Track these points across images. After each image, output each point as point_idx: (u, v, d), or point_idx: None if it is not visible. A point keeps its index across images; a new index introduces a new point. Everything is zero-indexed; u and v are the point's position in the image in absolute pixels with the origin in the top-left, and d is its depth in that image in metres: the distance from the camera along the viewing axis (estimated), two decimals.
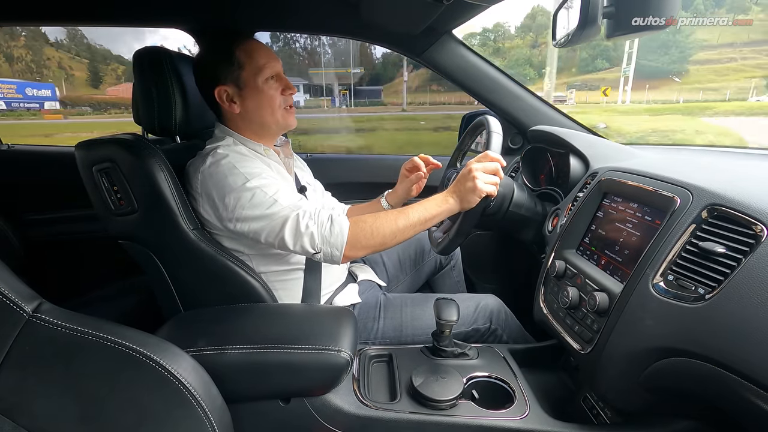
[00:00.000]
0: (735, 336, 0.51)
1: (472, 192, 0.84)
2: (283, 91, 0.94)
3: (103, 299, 1.38)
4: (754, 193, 0.57)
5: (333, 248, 0.83)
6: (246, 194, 0.82)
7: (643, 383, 0.63)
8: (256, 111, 0.92)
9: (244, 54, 0.90)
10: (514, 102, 1.31)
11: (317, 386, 0.77)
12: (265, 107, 0.92)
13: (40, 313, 0.50)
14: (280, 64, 0.94)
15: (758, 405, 0.48)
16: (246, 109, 0.92)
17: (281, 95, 0.94)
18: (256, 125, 0.94)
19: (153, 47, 0.93)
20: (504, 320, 1.03)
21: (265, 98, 0.92)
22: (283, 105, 0.94)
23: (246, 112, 0.92)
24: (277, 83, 0.93)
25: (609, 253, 0.77)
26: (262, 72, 0.90)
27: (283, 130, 0.98)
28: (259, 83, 0.91)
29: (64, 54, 63.82)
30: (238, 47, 0.90)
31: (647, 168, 0.78)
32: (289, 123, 0.97)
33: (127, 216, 0.86)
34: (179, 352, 0.56)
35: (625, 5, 0.63)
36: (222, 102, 0.91)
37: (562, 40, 0.78)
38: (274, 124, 0.94)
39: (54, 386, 0.49)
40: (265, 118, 0.93)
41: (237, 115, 0.93)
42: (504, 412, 0.75)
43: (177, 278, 0.91)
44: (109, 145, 0.84)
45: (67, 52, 64.81)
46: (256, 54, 0.91)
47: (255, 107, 0.92)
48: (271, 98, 0.92)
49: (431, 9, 0.88)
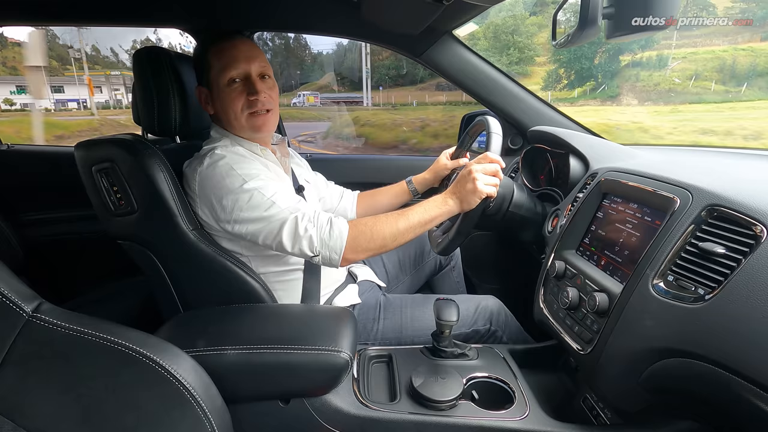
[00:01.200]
0: (735, 336, 0.51)
1: (472, 193, 0.84)
2: (248, 95, 0.89)
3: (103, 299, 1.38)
4: (753, 193, 0.57)
5: (332, 252, 0.82)
6: (244, 196, 0.82)
7: (642, 384, 0.63)
8: (222, 113, 0.91)
9: (213, 55, 0.89)
10: (513, 102, 1.31)
11: (317, 387, 0.77)
12: (227, 110, 0.90)
13: (39, 314, 0.50)
14: (253, 65, 0.89)
15: (758, 405, 0.48)
16: (216, 111, 0.92)
17: (247, 99, 0.89)
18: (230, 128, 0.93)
19: (153, 47, 0.93)
20: (504, 322, 1.03)
21: (227, 101, 0.89)
22: (247, 110, 0.89)
23: (217, 114, 0.92)
24: (241, 86, 0.89)
25: (609, 253, 0.76)
26: (223, 74, 0.88)
27: (256, 135, 0.94)
28: (221, 85, 0.88)
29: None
30: (211, 48, 0.89)
31: (647, 168, 0.78)
32: (255, 127, 0.91)
33: (126, 216, 0.85)
34: (179, 352, 0.56)
35: (625, 6, 0.63)
36: (201, 103, 0.92)
37: (562, 40, 0.78)
38: (239, 128, 0.92)
39: (54, 386, 0.49)
40: (230, 121, 0.91)
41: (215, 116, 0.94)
42: (504, 413, 0.75)
43: (176, 278, 0.91)
44: (108, 145, 0.84)
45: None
46: (223, 55, 0.88)
47: (221, 110, 0.91)
48: (231, 101, 0.89)
49: (431, 9, 0.88)
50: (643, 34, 0.65)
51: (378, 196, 1.22)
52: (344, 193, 1.23)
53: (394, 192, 1.22)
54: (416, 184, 1.21)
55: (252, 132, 0.93)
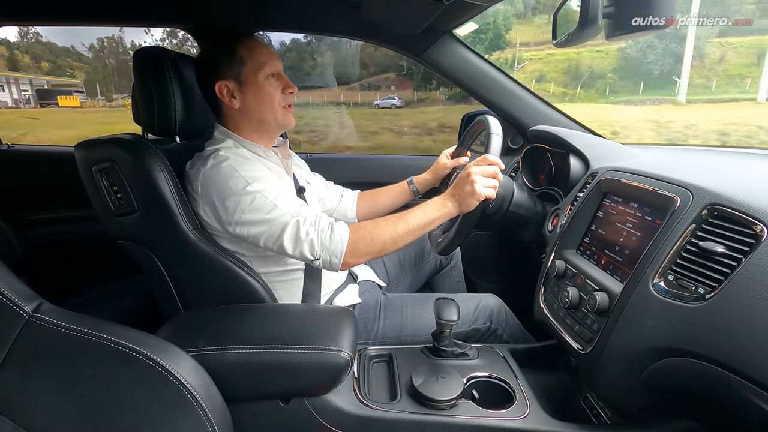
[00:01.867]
0: (735, 336, 0.51)
1: (471, 196, 0.84)
2: (283, 89, 0.94)
3: (103, 299, 1.38)
4: (754, 193, 0.57)
5: (332, 256, 0.83)
6: (246, 198, 0.82)
7: (643, 383, 0.63)
8: (255, 107, 0.92)
9: (246, 50, 0.90)
10: (514, 102, 1.31)
11: (317, 386, 0.77)
12: (264, 104, 0.92)
13: (40, 314, 0.50)
14: (280, 63, 0.94)
15: (758, 405, 0.48)
16: (246, 105, 0.92)
17: (281, 93, 0.93)
18: (255, 122, 0.94)
19: (153, 47, 0.93)
20: (504, 320, 1.03)
21: (266, 95, 0.92)
22: (283, 103, 0.94)
23: (246, 108, 0.92)
24: (277, 81, 0.93)
25: (609, 253, 0.76)
26: (263, 69, 0.90)
27: (282, 129, 0.98)
28: (260, 79, 0.91)
29: None
30: (240, 43, 0.91)
31: (647, 168, 0.78)
32: (288, 122, 0.96)
33: (126, 216, 0.85)
34: (179, 352, 0.56)
35: (625, 5, 0.63)
36: (222, 97, 0.91)
37: (562, 39, 0.78)
38: (273, 121, 0.94)
39: (54, 386, 0.49)
40: (264, 114, 0.93)
41: (236, 112, 0.93)
42: (504, 412, 0.75)
43: (177, 278, 0.91)
44: (108, 145, 0.83)
45: None
46: (257, 51, 0.91)
47: (255, 103, 0.92)
48: (271, 95, 0.92)
49: (431, 9, 0.88)
50: (643, 34, 0.65)
51: (378, 196, 1.22)
52: (344, 192, 1.23)
53: (394, 192, 1.22)
54: (417, 184, 1.21)
55: (285, 123, 0.96)
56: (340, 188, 1.23)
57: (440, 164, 1.18)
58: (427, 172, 1.21)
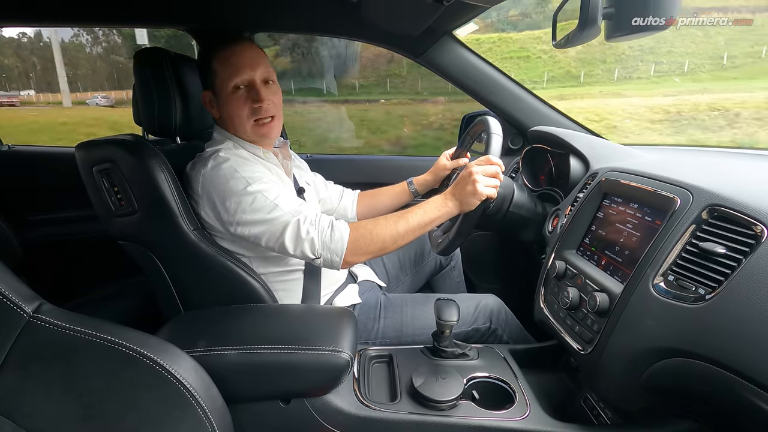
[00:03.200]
0: (735, 336, 0.51)
1: (472, 195, 0.84)
2: (252, 102, 0.89)
3: (103, 300, 1.38)
4: (754, 193, 0.57)
5: (333, 254, 0.83)
6: (247, 198, 0.82)
7: (643, 384, 0.63)
8: (228, 120, 0.92)
9: (218, 61, 0.89)
10: (514, 103, 1.31)
11: (317, 387, 0.77)
12: (233, 117, 0.91)
13: (40, 314, 0.50)
14: (257, 71, 0.89)
15: (758, 405, 0.48)
16: (222, 117, 0.93)
17: (251, 106, 0.89)
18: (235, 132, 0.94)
19: (153, 47, 0.93)
20: (504, 320, 1.03)
21: (232, 108, 0.90)
22: (252, 117, 0.90)
23: (222, 120, 0.93)
24: (246, 93, 0.89)
25: (609, 253, 0.76)
26: (229, 81, 0.88)
27: (260, 141, 0.95)
28: (228, 92, 0.89)
29: None
30: (215, 54, 0.90)
31: (647, 168, 0.78)
32: (261, 134, 0.92)
33: (127, 216, 0.85)
34: (179, 352, 0.56)
35: (625, 6, 0.63)
36: (206, 106, 0.93)
37: (562, 40, 0.78)
38: (244, 134, 0.93)
39: (54, 387, 0.49)
40: (236, 127, 0.92)
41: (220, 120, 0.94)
42: (504, 413, 0.75)
43: (177, 279, 0.91)
44: (109, 145, 0.84)
45: None
46: (228, 62, 0.89)
47: (227, 116, 0.92)
48: (237, 109, 0.90)
49: (431, 10, 0.88)
50: (643, 34, 0.65)
51: (378, 196, 1.22)
52: (344, 192, 1.23)
53: (394, 192, 1.22)
54: (417, 186, 1.21)
55: (258, 138, 0.94)
56: (340, 188, 1.24)
57: (440, 165, 1.18)
58: (427, 173, 1.21)
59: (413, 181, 1.22)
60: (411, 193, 1.22)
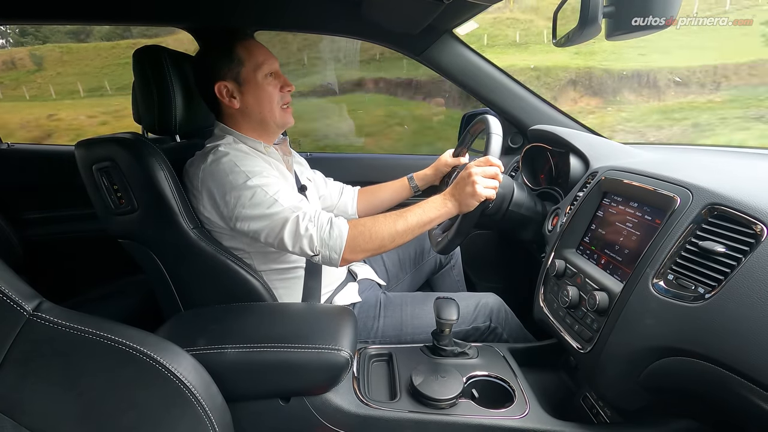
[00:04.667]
0: (735, 335, 0.51)
1: (471, 196, 0.84)
2: (281, 88, 0.94)
3: (103, 298, 1.38)
4: (754, 192, 0.57)
5: (331, 251, 0.83)
6: (246, 193, 0.82)
7: (642, 382, 0.63)
8: (255, 107, 0.93)
9: (245, 50, 0.91)
10: (514, 101, 1.31)
11: (317, 385, 0.77)
12: (264, 103, 0.92)
13: (40, 312, 0.50)
14: (277, 62, 0.95)
15: (758, 404, 0.48)
16: (246, 105, 0.92)
17: (279, 92, 0.94)
18: (255, 122, 0.94)
19: (153, 46, 0.93)
20: (504, 319, 1.03)
21: (265, 94, 0.92)
22: (281, 102, 0.94)
23: (246, 108, 0.93)
24: (275, 80, 0.93)
25: (609, 252, 0.77)
26: (261, 68, 0.91)
27: (281, 128, 0.98)
28: (259, 79, 0.91)
29: None
30: (238, 44, 0.91)
31: (647, 167, 0.78)
32: (287, 121, 0.97)
33: (127, 215, 0.85)
34: (179, 351, 0.56)
35: (625, 5, 0.63)
36: (222, 97, 0.91)
37: (562, 39, 0.78)
38: (272, 120, 0.94)
39: (54, 385, 0.49)
40: (263, 114, 0.93)
41: (237, 111, 0.93)
42: (504, 411, 0.75)
43: (177, 277, 0.91)
44: (109, 144, 0.83)
45: None
46: (255, 50, 0.92)
47: (255, 103, 0.92)
48: (269, 94, 0.92)
49: (431, 8, 0.88)
50: (643, 34, 0.65)
51: (378, 192, 1.22)
52: (344, 189, 1.23)
53: (394, 188, 1.22)
54: (417, 180, 1.21)
55: (283, 122, 0.96)
56: (340, 185, 1.24)
57: (442, 161, 1.18)
58: (429, 168, 1.21)
59: (414, 177, 1.22)
60: (411, 188, 1.22)
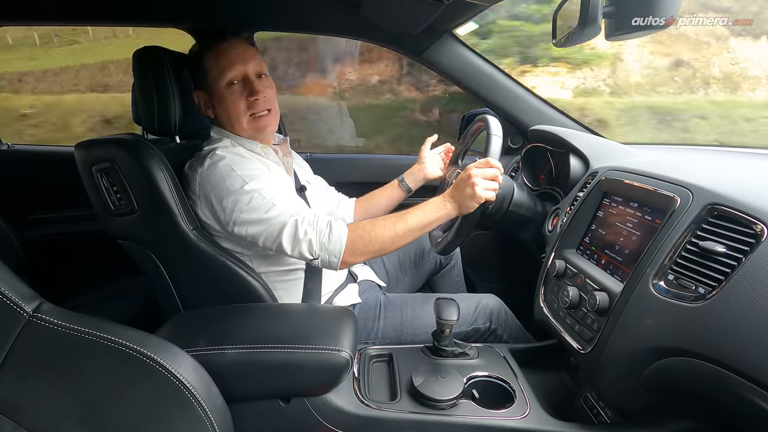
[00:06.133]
0: (735, 335, 0.51)
1: (471, 198, 0.84)
2: (248, 96, 0.88)
3: (103, 299, 1.38)
4: (754, 192, 0.57)
5: (331, 255, 0.83)
6: (244, 197, 0.82)
7: (643, 383, 0.63)
8: (224, 117, 0.91)
9: (211, 58, 0.88)
10: (514, 102, 1.31)
11: (317, 386, 0.77)
12: (229, 114, 0.89)
13: (40, 313, 0.50)
14: (249, 65, 0.88)
15: (758, 404, 0.48)
16: (217, 115, 0.91)
17: (246, 101, 0.88)
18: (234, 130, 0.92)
19: (153, 47, 0.93)
20: (504, 320, 1.03)
21: (228, 104, 0.88)
22: (248, 112, 0.89)
23: (218, 118, 0.92)
24: (241, 88, 0.88)
25: (609, 252, 0.77)
26: (222, 76, 0.87)
27: (255, 137, 0.93)
28: (221, 88, 0.88)
29: None
30: (206, 51, 0.89)
31: (647, 168, 0.78)
32: (258, 130, 0.91)
33: (126, 216, 0.85)
34: (179, 352, 0.56)
35: (625, 5, 0.63)
36: (200, 107, 0.91)
37: (562, 39, 0.78)
38: (242, 131, 0.91)
39: (54, 386, 0.49)
40: (233, 124, 0.91)
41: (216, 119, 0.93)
42: (504, 412, 0.75)
43: (177, 278, 0.91)
44: (108, 145, 0.83)
45: None
46: (221, 57, 0.88)
47: (222, 113, 0.90)
48: (233, 104, 0.88)
49: (431, 8, 0.88)
50: (643, 34, 0.65)
51: (374, 200, 1.20)
52: (341, 200, 1.21)
53: (388, 194, 1.19)
54: (407, 179, 1.18)
55: (255, 133, 0.92)
56: (338, 197, 1.21)
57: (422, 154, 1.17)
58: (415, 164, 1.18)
59: (404, 178, 1.19)
60: (404, 190, 1.19)
